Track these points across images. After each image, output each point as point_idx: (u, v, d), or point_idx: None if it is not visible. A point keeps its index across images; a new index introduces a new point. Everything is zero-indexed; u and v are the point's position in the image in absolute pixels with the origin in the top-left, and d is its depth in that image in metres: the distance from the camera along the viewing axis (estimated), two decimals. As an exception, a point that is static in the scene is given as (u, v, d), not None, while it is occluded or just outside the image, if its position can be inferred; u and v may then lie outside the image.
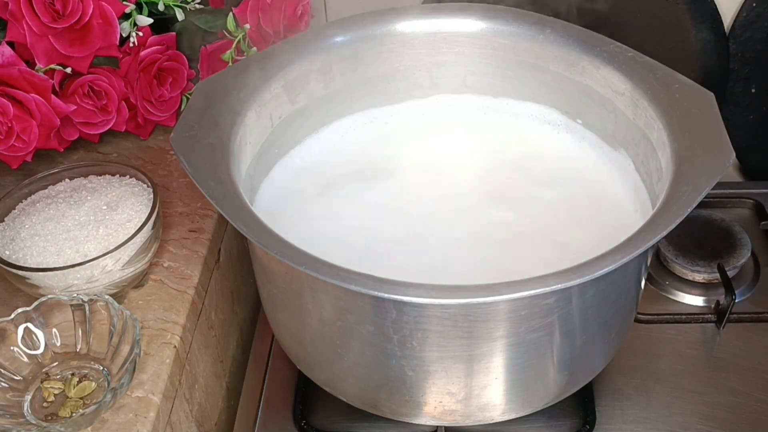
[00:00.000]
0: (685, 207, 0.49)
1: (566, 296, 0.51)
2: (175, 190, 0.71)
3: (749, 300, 0.74)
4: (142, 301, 0.62)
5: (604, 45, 0.63)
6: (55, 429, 0.51)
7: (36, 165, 0.71)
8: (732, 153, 0.52)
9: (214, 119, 0.57)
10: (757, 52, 0.83)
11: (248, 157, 0.60)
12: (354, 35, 0.66)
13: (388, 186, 0.66)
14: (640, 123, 0.60)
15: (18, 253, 0.58)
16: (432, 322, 0.50)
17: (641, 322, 0.72)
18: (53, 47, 0.66)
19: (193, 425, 0.63)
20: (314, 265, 0.47)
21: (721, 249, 0.75)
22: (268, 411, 0.67)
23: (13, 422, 0.53)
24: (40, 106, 0.65)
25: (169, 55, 0.72)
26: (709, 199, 0.82)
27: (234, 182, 0.53)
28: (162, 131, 0.77)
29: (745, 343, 0.70)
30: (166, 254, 0.65)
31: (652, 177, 0.59)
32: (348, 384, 0.59)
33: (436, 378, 0.54)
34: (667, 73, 0.60)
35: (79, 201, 0.61)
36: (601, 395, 0.66)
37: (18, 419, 0.53)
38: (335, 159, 0.68)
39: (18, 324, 0.56)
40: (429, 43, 0.68)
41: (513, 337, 0.52)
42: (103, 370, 0.57)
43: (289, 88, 0.64)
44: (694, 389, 0.67)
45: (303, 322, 0.57)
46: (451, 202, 0.64)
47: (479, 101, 0.71)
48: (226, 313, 0.72)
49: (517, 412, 0.59)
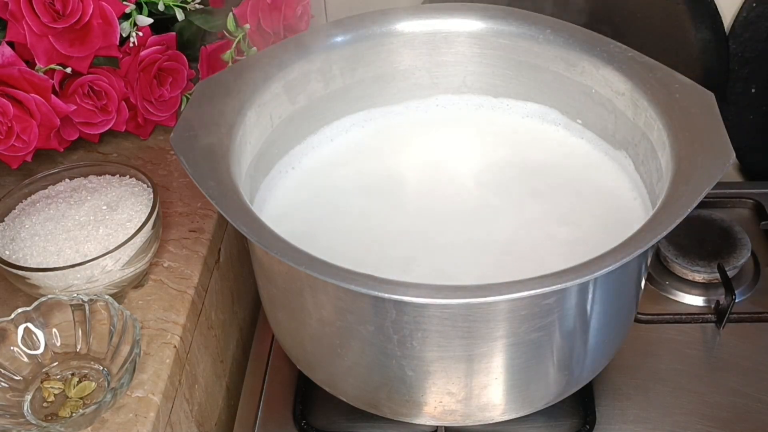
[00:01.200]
0: (685, 207, 0.49)
1: (566, 296, 0.51)
2: (175, 190, 0.71)
3: (749, 300, 0.74)
4: (142, 301, 0.62)
5: (604, 45, 0.63)
6: (55, 429, 0.51)
7: (36, 165, 0.70)
8: (732, 153, 0.52)
9: (214, 119, 0.57)
10: (757, 52, 0.83)
11: (248, 157, 0.60)
12: (354, 35, 0.66)
13: (387, 186, 0.66)
14: (640, 123, 0.60)
15: (18, 253, 0.58)
16: (432, 322, 0.50)
17: (641, 322, 0.72)
18: (53, 47, 0.66)
19: (193, 425, 0.63)
20: (314, 265, 0.47)
21: (721, 249, 0.75)
22: (268, 411, 0.67)
23: (13, 422, 0.53)
24: (40, 106, 0.65)
25: (169, 55, 0.72)
26: (709, 199, 0.82)
27: (234, 182, 0.53)
28: (162, 131, 0.77)
29: (745, 343, 0.70)
30: (166, 254, 0.65)
31: (652, 177, 0.59)
32: (348, 384, 0.59)
33: (436, 378, 0.54)
34: (667, 73, 0.60)
35: (79, 201, 0.61)
36: (601, 395, 0.66)
37: (18, 419, 0.53)
38: (335, 159, 0.68)
39: (18, 324, 0.56)
40: (429, 43, 0.68)
41: (513, 337, 0.52)
42: (103, 370, 0.57)
43: (289, 88, 0.64)
44: (694, 389, 0.67)
45: (303, 322, 0.57)
46: (450, 202, 0.64)
47: (479, 101, 0.71)
48: (226, 313, 0.72)
49: (517, 412, 0.59)
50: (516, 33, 0.66)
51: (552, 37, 0.65)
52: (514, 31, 0.66)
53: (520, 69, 0.68)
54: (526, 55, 0.67)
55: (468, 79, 0.70)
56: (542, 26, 0.65)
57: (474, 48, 0.68)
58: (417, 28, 0.67)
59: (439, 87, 0.71)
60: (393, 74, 0.69)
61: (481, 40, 0.67)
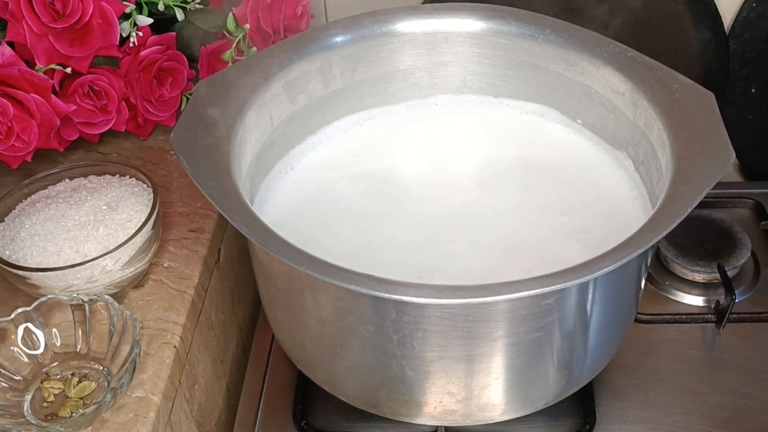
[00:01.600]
0: (685, 207, 0.49)
1: (566, 296, 0.51)
2: (175, 190, 0.71)
3: (749, 300, 0.74)
4: (142, 301, 0.62)
5: (604, 45, 0.63)
6: (55, 429, 0.51)
7: (36, 165, 0.70)
8: (732, 153, 0.52)
9: (214, 119, 0.57)
10: (757, 52, 0.83)
11: (248, 157, 0.60)
12: (354, 35, 0.66)
13: (387, 186, 0.66)
14: (640, 123, 0.60)
15: (18, 253, 0.58)
16: (432, 322, 0.50)
17: (641, 322, 0.72)
18: (53, 47, 0.66)
19: (193, 425, 0.63)
20: (314, 265, 0.47)
21: (721, 249, 0.75)
22: (268, 411, 0.67)
23: (13, 422, 0.53)
24: (40, 106, 0.65)
25: (169, 55, 0.72)
26: (709, 199, 0.82)
27: (234, 182, 0.53)
28: (162, 131, 0.77)
29: (745, 343, 0.70)
30: (166, 254, 0.65)
31: (652, 177, 0.59)
32: (348, 384, 0.59)
33: (436, 378, 0.54)
34: (667, 73, 0.60)
35: (79, 201, 0.61)
36: (601, 395, 0.66)
37: (18, 419, 0.53)
38: (335, 159, 0.68)
39: (18, 324, 0.56)
40: (429, 43, 0.68)
41: (513, 337, 0.52)
42: (103, 370, 0.57)
43: (289, 88, 0.64)
44: (694, 389, 0.67)
45: (303, 322, 0.57)
46: (450, 202, 0.64)
47: (479, 101, 0.71)
48: (226, 313, 0.72)
49: (517, 412, 0.59)
50: (516, 33, 0.66)
51: (552, 37, 0.65)
52: (514, 31, 0.66)
53: (520, 69, 0.68)
54: (526, 55, 0.67)
55: (468, 79, 0.70)
56: (542, 26, 0.65)
57: (474, 48, 0.68)
58: (417, 28, 0.67)
59: (439, 87, 0.71)
60: (393, 74, 0.69)
61: (481, 40, 0.67)
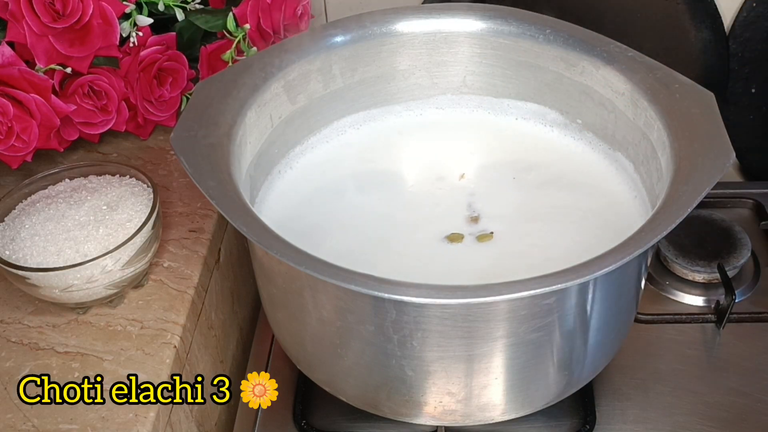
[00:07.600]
0: (685, 207, 0.49)
1: (566, 296, 0.51)
2: (175, 190, 0.71)
3: (749, 300, 0.74)
4: (142, 301, 0.62)
5: (604, 45, 0.63)
6: None
7: (36, 165, 0.70)
8: (732, 153, 0.52)
9: (214, 119, 0.57)
10: (757, 52, 0.83)
11: (248, 157, 0.60)
12: (354, 35, 0.66)
13: (387, 186, 0.66)
14: (640, 123, 0.60)
15: (18, 253, 0.58)
16: (432, 322, 0.50)
17: (641, 322, 0.71)
18: (53, 47, 0.66)
19: (193, 425, 0.63)
20: (314, 265, 0.47)
21: (721, 249, 0.75)
22: (268, 411, 0.67)
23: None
24: (40, 106, 0.65)
25: (169, 55, 0.72)
26: (709, 199, 0.82)
27: (234, 182, 0.53)
28: (162, 131, 0.77)
29: (745, 343, 0.70)
30: (166, 254, 0.65)
31: (652, 177, 0.59)
32: (348, 384, 0.59)
33: (436, 378, 0.54)
34: (667, 73, 0.60)
35: (79, 201, 0.61)
36: (601, 395, 0.66)
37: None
38: (335, 159, 0.68)
39: None
40: (429, 43, 0.68)
41: (513, 337, 0.52)
42: None
43: (289, 88, 0.64)
44: (694, 389, 0.67)
45: (303, 322, 0.57)
46: (450, 202, 0.64)
47: (479, 101, 0.71)
48: (226, 313, 0.72)
49: (517, 412, 0.59)
50: (516, 33, 0.66)
51: (552, 37, 0.65)
52: (514, 31, 0.66)
53: (520, 69, 0.68)
54: (526, 55, 0.67)
55: (468, 79, 0.70)
56: (542, 26, 0.65)
57: (474, 48, 0.68)
58: (417, 28, 0.67)
59: (439, 87, 0.71)
60: (393, 74, 0.69)
61: (481, 40, 0.67)
